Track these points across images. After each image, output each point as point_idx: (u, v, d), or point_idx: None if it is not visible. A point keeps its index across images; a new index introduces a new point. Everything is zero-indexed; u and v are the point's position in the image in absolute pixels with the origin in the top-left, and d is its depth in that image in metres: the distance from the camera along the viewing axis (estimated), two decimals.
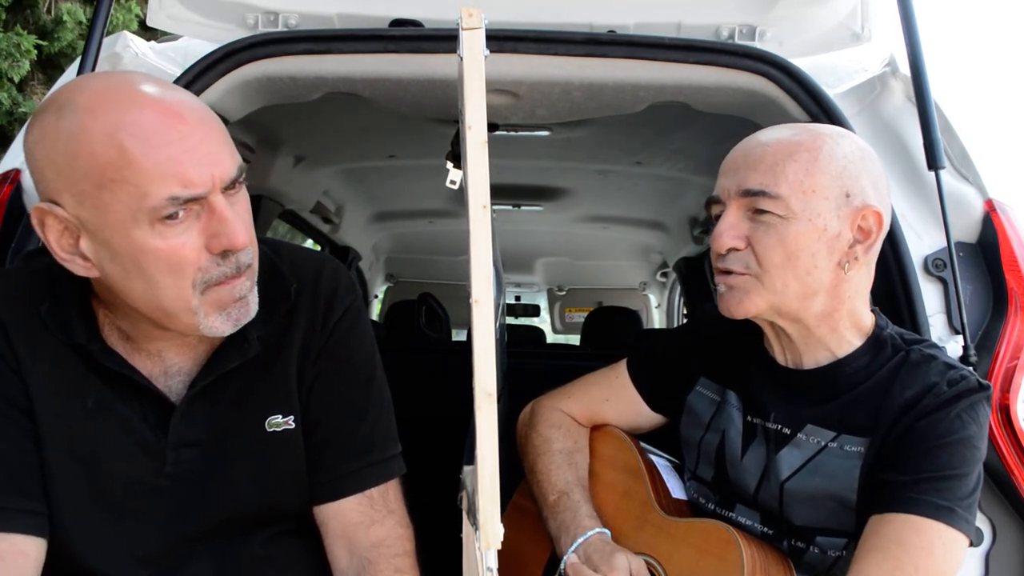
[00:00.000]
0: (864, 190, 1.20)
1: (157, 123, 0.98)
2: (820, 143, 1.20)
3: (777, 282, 1.20)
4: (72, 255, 1.05)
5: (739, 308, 1.23)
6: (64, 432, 1.13)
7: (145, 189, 0.97)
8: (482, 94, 0.97)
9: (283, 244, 1.32)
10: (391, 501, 1.26)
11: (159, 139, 0.98)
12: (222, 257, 1.05)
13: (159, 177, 0.97)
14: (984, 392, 1.19)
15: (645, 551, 1.33)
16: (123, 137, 0.97)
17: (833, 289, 1.22)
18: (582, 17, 1.81)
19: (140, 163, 0.97)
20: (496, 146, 1.09)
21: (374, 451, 1.26)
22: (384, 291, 5.67)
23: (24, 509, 1.10)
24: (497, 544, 0.90)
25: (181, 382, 1.17)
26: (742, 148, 1.25)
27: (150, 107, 0.99)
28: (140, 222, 0.99)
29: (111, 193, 0.98)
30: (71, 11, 7.00)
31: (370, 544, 1.22)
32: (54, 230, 1.03)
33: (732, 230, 1.22)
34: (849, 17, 1.82)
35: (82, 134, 0.97)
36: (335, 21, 1.80)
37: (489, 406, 0.91)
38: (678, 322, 5.03)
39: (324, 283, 1.26)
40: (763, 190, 1.18)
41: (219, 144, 1.04)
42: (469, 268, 0.95)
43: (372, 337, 1.31)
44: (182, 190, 0.99)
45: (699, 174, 2.98)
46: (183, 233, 1.02)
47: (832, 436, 1.24)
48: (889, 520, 1.13)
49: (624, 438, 1.48)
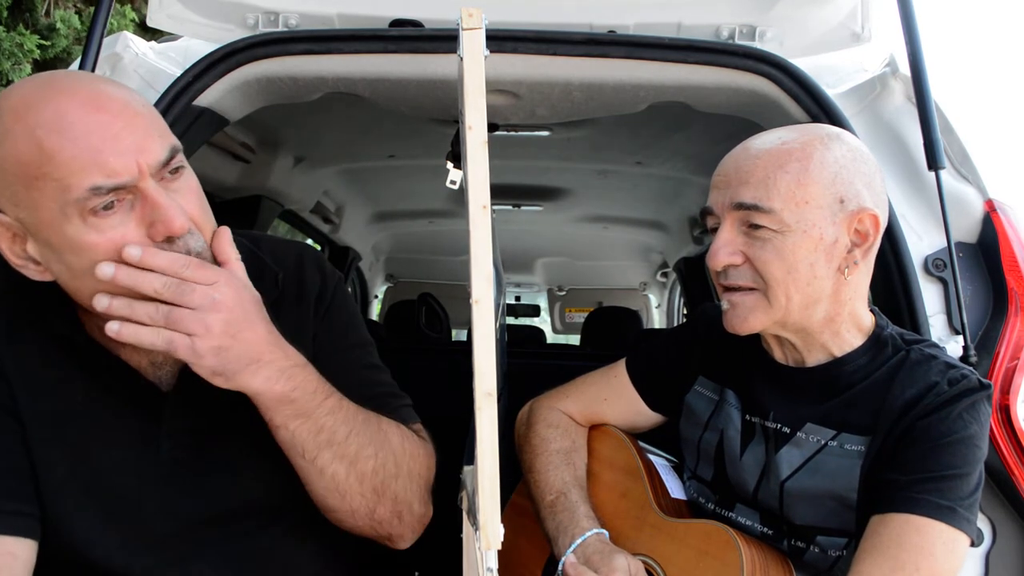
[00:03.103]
0: (858, 193, 1.18)
1: (75, 115, 0.98)
2: (810, 151, 1.18)
3: (780, 296, 1.19)
4: (24, 260, 1.06)
5: (744, 325, 1.24)
6: (55, 428, 1.13)
7: (67, 182, 0.97)
8: (482, 94, 0.97)
9: (260, 235, 1.35)
10: (424, 434, 1.32)
11: (77, 131, 0.98)
12: (168, 243, 1.04)
13: (79, 168, 0.97)
14: (985, 391, 1.18)
15: (644, 552, 1.33)
16: (41, 134, 0.97)
17: (835, 295, 1.21)
18: (582, 17, 1.81)
19: (59, 157, 0.97)
20: (496, 146, 1.09)
21: (395, 397, 1.32)
22: (384, 291, 5.67)
23: (11, 511, 1.10)
24: (497, 544, 0.90)
25: (170, 372, 1.18)
26: (733, 159, 1.24)
27: (68, 100, 0.99)
28: (70, 217, 0.99)
29: (38, 191, 0.98)
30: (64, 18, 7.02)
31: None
32: (4, 237, 1.04)
33: (728, 246, 1.21)
34: (849, 17, 1.82)
35: (6, 137, 0.98)
36: (335, 21, 1.81)
37: (489, 406, 0.91)
38: (678, 322, 5.03)
39: (307, 267, 1.30)
40: (756, 204, 1.17)
41: (143, 131, 1.03)
42: (469, 268, 0.95)
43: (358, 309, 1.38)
44: (104, 179, 0.98)
45: (699, 174, 2.98)
46: (120, 225, 1.01)
47: (832, 435, 1.24)
48: (890, 520, 1.13)
49: (623, 438, 1.48)
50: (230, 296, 1.04)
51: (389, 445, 1.20)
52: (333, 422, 1.13)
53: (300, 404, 1.10)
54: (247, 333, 1.05)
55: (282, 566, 1.24)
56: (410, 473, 1.22)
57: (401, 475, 1.20)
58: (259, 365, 1.06)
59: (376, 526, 1.21)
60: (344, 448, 1.14)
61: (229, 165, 2.64)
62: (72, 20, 7.11)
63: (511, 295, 6.12)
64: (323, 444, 1.12)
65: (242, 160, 2.67)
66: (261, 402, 1.09)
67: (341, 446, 1.13)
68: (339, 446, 1.13)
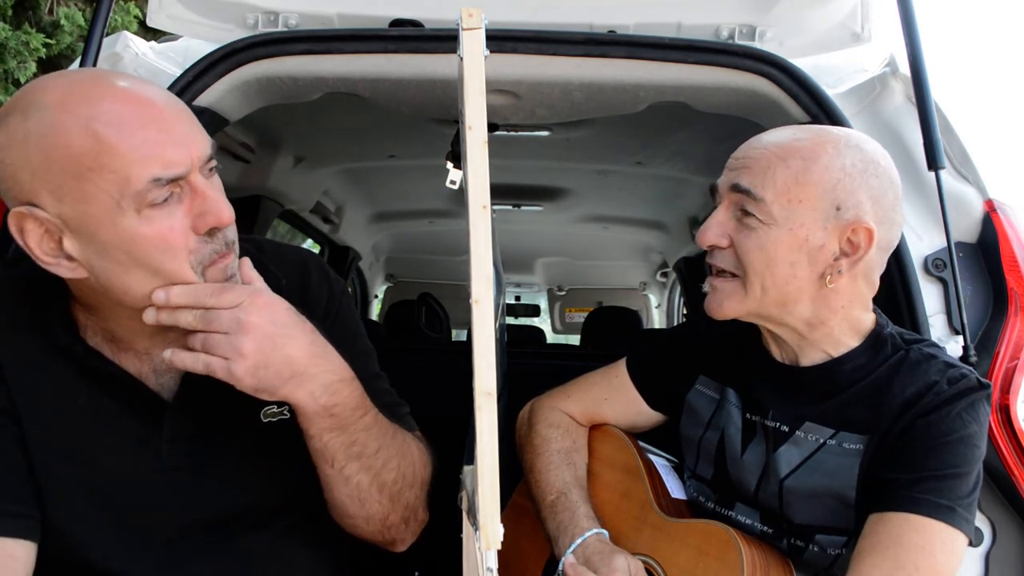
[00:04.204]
0: (859, 205, 1.17)
1: (128, 109, 1.00)
2: (819, 152, 1.17)
3: (756, 287, 1.20)
4: (56, 258, 1.04)
5: (719, 310, 1.25)
6: (56, 432, 1.13)
7: (126, 173, 0.98)
8: (482, 94, 0.97)
9: (264, 241, 1.35)
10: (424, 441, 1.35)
11: (133, 124, 0.99)
12: (209, 236, 1.06)
13: (139, 160, 0.98)
14: (984, 391, 1.19)
15: (644, 552, 1.33)
16: (97, 126, 0.97)
17: (821, 299, 1.21)
18: (582, 17, 1.81)
19: (118, 148, 0.97)
20: (496, 146, 1.09)
21: (396, 406, 1.34)
22: (384, 291, 5.67)
23: (11, 512, 1.09)
24: (497, 544, 0.90)
25: (172, 379, 1.18)
26: (747, 145, 1.25)
27: (118, 96, 1.01)
28: (126, 210, 0.99)
29: (92, 184, 0.98)
30: (68, 15, 7.02)
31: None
32: (34, 234, 1.02)
33: (718, 227, 1.23)
34: (849, 17, 1.82)
35: (55, 129, 0.97)
36: (335, 21, 1.81)
37: (489, 406, 0.91)
38: (678, 322, 5.03)
39: (314, 276, 1.31)
40: (749, 190, 1.18)
41: (190, 125, 1.05)
42: (469, 268, 0.95)
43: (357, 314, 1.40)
44: (163, 171, 0.99)
45: (699, 174, 2.98)
46: (169, 217, 1.02)
47: (831, 433, 1.24)
48: (888, 519, 1.13)
49: (623, 438, 1.48)
50: (258, 314, 1.05)
51: (410, 456, 1.23)
52: (366, 437, 1.15)
53: (339, 419, 1.11)
54: (284, 348, 1.05)
55: (281, 568, 1.24)
56: (421, 481, 1.26)
57: (416, 484, 1.24)
58: (302, 379, 1.07)
59: (385, 531, 1.23)
60: (372, 460, 1.16)
61: (229, 165, 2.64)
62: (76, 17, 7.11)
63: (511, 295, 6.12)
64: (353, 456, 1.14)
65: (242, 160, 2.67)
66: (301, 413, 1.10)
67: (370, 459, 1.16)
68: (368, 458, 1.15)
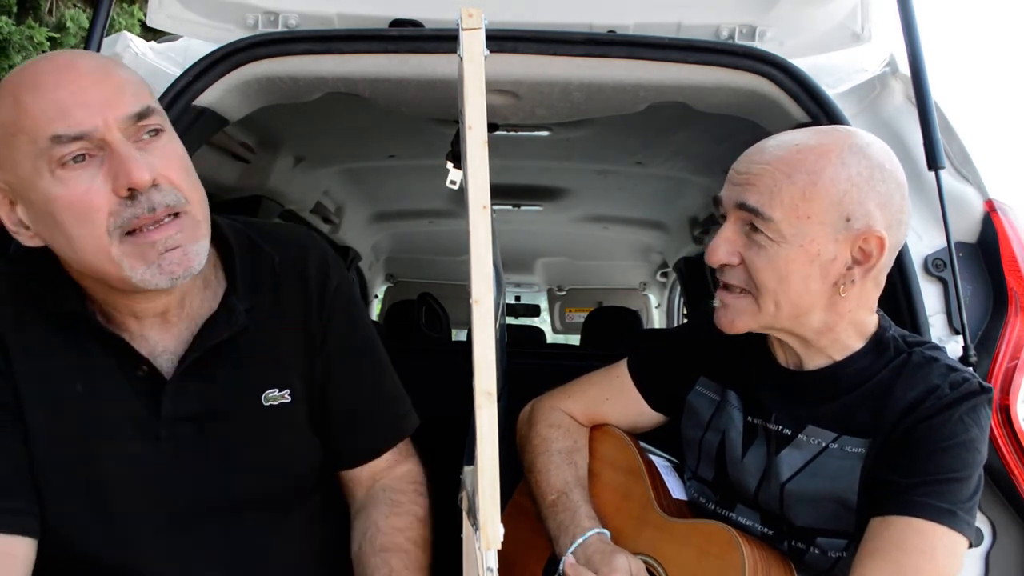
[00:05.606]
0: (868, 213, 1.15)
1: (48, 74, 1.03)
2: (824, 164, 1.14)
3: (770, 304, 1.19)
4: (17, 226, 1.09)
5: (731, 326, 1.25)
6: (56, 421, 1.13)
7: (34, 134, 1.01)
8: (482, 94, 0.97)
9: (255, 220, 1.35)
10: (410, 446, 1.38)
11: (47, 86, 1.02)
12: (131, 199, 1.04)
13: (45, 120, 1.01)
14: (986, 395, 1.18)
15: (645, 552, 1.33)
16: (19, 92, 1.02)
17: (831, 307, 1.21)
18: (582, 17, 1.80)
19: (31, 110, 1.01)
20: (496, 146, 1.09)
21: (398, 404, 1.36)
22: (384, 291, 5.67)
23: (10, 509, 1.10)
24: (497, 544, 0.90)
25: (169, 360, 1.17)
26: (747, 158, 1.21)
27: (47, 64, 1.05)
28: (41, 171, 1.02)
29: (16, 148, 1.02)
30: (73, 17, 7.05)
31: (395, 478, 1.33)
32: (4, 206, 1.08)
33: (727, 245, 1.21)
34: (849, 17, 1.82)
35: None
36: (335, 21, 1.80)
37: (489, 406, 0.91)
38: (678, 322, 5.04)
39: (313, 258, 1.29)
40: (757, 209, 1.16)
41: (115, 88, 1.06)
42: (469, 268, 0.95)
43: (362, 301, 1.39)
44: (66, 128, 1.01)
45: (699, 174, 2.98)
46: (88, 179, 1.03)
47: (833, 437, 1.23)
48: (890, 523, 1.13)
49: (624, 438, 1.48)
50: None
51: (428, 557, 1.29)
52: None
53: None
54: None
55: (280, 556, 1.24)
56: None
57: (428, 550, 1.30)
58: None
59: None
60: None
61: (229, 165, 2.64)
62: (81, 19, 7.18)
63: (511, 295, 6.12)
64: None
65: (242, 160, 2.67)
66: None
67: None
68: None
